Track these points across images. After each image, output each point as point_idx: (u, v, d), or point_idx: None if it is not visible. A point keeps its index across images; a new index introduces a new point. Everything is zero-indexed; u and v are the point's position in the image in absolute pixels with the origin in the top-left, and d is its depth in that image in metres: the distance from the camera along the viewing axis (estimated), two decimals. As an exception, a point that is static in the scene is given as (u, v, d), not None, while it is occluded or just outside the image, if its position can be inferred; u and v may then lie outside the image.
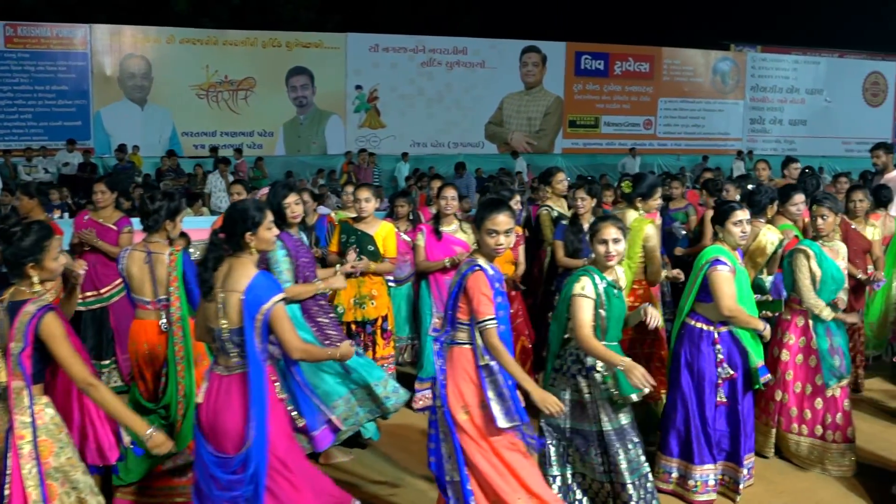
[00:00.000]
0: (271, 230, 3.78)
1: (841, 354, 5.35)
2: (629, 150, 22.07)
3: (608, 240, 4.24)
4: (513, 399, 3.85)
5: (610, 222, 4.32)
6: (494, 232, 3.82)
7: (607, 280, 4.30)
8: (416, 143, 21.69)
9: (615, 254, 4.25)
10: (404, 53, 21.64)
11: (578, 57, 23.55)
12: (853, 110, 26.18)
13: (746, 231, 4.88)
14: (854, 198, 7.05)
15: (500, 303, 3.87)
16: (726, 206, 5.00)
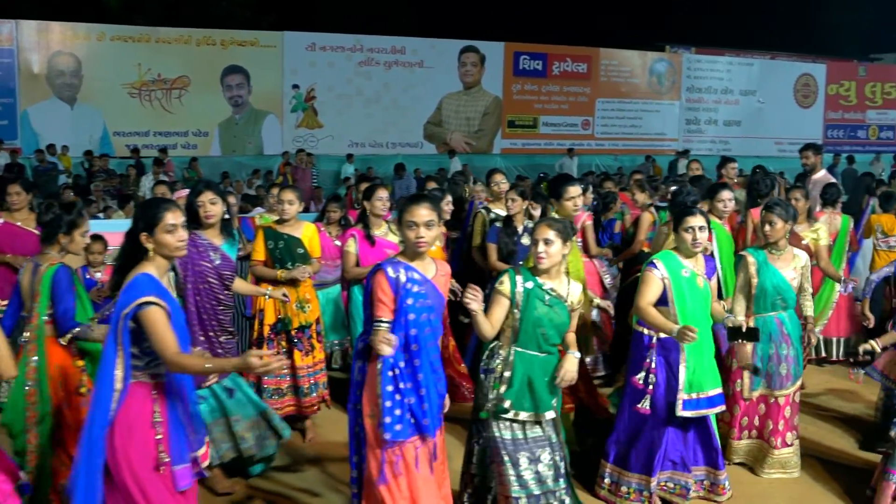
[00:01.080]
0: (173, 233, 3.43)
1: (788, 362, 5.28)
2: (567, 151, 22.43)
3: (539, 240, 4.16)
4: (414, 411, 3.76)
5: (545, 223, 4.23)
6: (413, 224, 3.75)
7: (537, 282, 4.20)
8: (354, 144, 21.76)
9: (545, 255, 4.13)
10: (342, 52, 21.69)
11: (517, 57, 23.86)
12: (785, 111, 26.96)
13: (699, 238, 4.69)
14: (791, 197, 7.19)
15: (413, 305, 3.78)
16: (680, 211, 4.94)
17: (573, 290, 4.29)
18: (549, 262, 4.17)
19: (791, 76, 27.54)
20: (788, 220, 5.31)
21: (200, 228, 4.91)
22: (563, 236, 4.19)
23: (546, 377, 4.21)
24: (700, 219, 4.74)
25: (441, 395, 3.95)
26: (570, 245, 4.27)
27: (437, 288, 3.91)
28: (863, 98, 28.30)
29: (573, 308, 4.28)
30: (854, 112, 28.28)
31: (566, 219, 4.69)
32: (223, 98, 20.58)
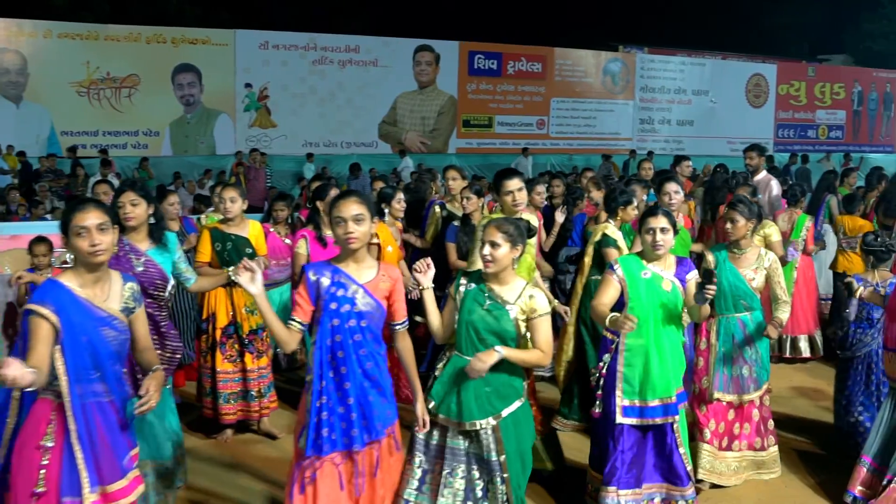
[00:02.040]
0: (83, 236, 3.21)
1: (752, 365, 5.23)
2: (522, 150, 22.59)
3: (485, 242, 3.96)
4: (313, 426, 3.63)
5: (494, 224, 3.99)
6: (341, 220, 3.60)
7: (478, 286, 4.05)
8: (308, 143, 21.73)
9: (490, 259, 3.91)
10: (295, 51, 21.65)
11: (472, 56, 24.01)
12: (737, 111, 27.49)
13: (660, 240, 4.49)
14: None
15: (337, 310, 3.65)
16: (645, 211, 4.72)
17: (527, 296, 3.98)
18: (494, 267, 3.94)
19: (742, 76, 28.07)
20: (751, 219, 5.23)
21: (124, 232, 4.63)
22: (512, 239, 3.94)
23: (481, 385, 3.92)
24: (662, 220, 4.52)
25: (380, 405, 3.73)
26: (520, 249, 4.01)
27: (370, 293, 3.71)
28: (812, 98, 28.95)
29: (530, 316, 3.96)
30: (804, 112, 28.93)
31: (520, 219, 4.29)
32: (174, 97, 20.45)
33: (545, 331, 3.98)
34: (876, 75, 30.31)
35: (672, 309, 4.55)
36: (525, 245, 4.09)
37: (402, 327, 3.93)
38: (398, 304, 3.87)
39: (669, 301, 4.54)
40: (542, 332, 3.98)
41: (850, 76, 30.11)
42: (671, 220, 4.59)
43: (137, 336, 3.52)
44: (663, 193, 6.37)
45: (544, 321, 3.98)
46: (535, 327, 3.98)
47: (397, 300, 3.86)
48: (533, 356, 3.98)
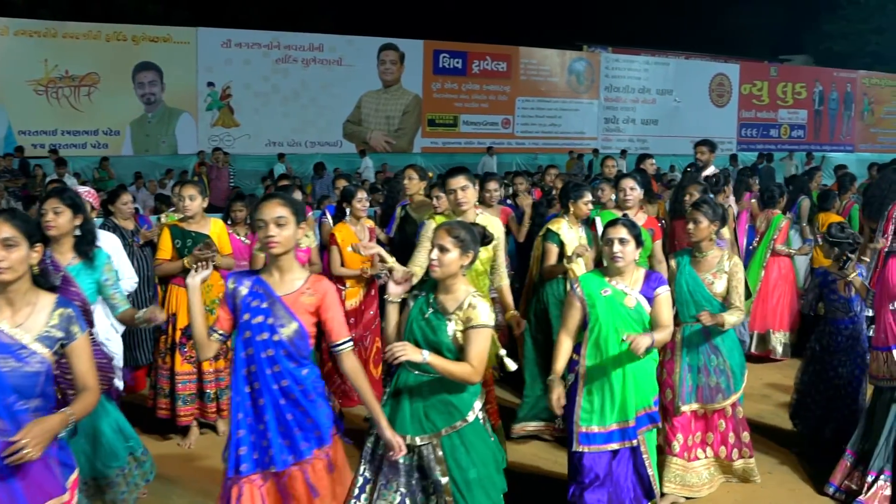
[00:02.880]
0: (9, 246, 2.95)
1: (717, 374, 5.07)
2: (487, 149, 22.64)
3: (434, 245, 3.72)
4: (233, 444, 3.51)
5: (444, 227, 3.75)
6: (261, 222, 3.43)
7: (426, 295, 3.85)
8: (271, 143, 21.64)
9: (437, 264, 3.66)
10: (258, 49, 21.51)
11: (437, 55, 24.01)
12: (701, 110, 27.77)
13: (617, 251, 4.27)
14: (687, 192, 7.25)
15: (249, 321, 3.51)
16: (607, 222, 4.48)
17: (467, 305, 3.67)
18: (440, 272, 3.68)
19: (706, 76, 28.38)
20: (715, 221, 5.04)
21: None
22: (463, 245, 3.68)
23: (419, 399, 3.70)
24: (621, 230, 4.27)
25: (305, 425, 3.54)
26: (470, 256, 3.73)
27: (287, 307, 3.49)
28: (775, 98, 29.34)
29: (466, 325, 3.64)
30: (766, 111, 29.32)
31: (474, 225, 4.02)
32: (135, 96, 20.21)
33: (478, 344, 3.61)
34: (836, 75, 30.79)
35: (636, 327, 4.30)
36: (477, 252, 3.80)
37: (342, 348, 3.59)
38: (332, 323, 3.57)
39: (632, 319, 4.31)
40: (474, 345, 3.61)
41: (812, 76, 30.56)
42: (633, 230, 4.33)
43: (74, 372, 3.12)
44: (619, 190, 6.39)
45: (479, 333, 3.62)
46: (468, 338, 3.63)
47: (330, 318, 3.57)
48: (459, 370, 3.57)
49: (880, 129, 31.64)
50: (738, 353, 5.21)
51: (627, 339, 4.07)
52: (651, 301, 4.35)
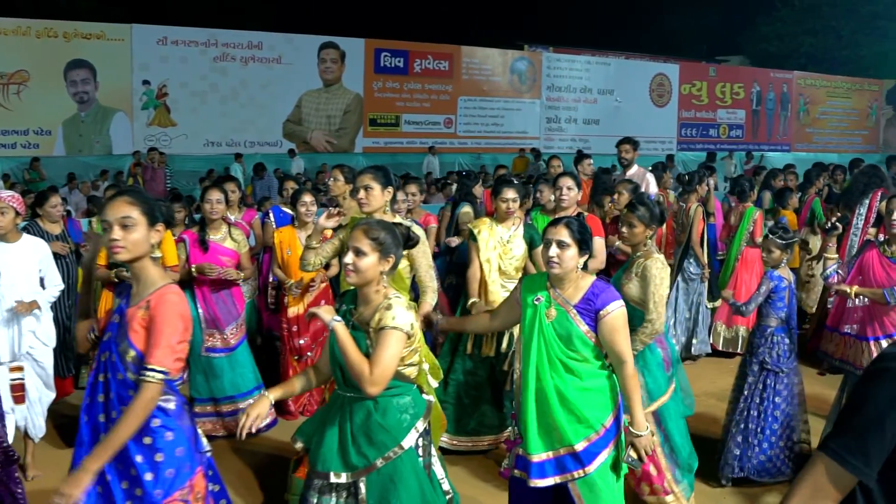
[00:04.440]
0: None
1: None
2: (429, 149, 22.57)
3: (349, 247, 3.36)
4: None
5: (361, 227, 3.39)
6: (107, 224, 3.07)
7: (346, 307, 3.51)
8: (210, 143, 21.30)
9: (353, 268, 3.30)
10: (195, 47, 21.16)
11: (378, 54, 23.87)
12: (641, 110, 28.07)
13: (553, 255, 3.69)
14: (617, 191, 7.22)
15: (111, 318, 3.21)
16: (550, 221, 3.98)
17: (383, 309, 3.27)
18: (355, 278, 3.32)
19: (646, 76, 28.68)
20: (651, 225, 4.66)
21: None
22: (382, 248, 3.33)
23: (349, 425, 3.32)
24: (560, 231, 3.70)
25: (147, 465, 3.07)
26: (391, 260, 3.36)
27: (125, 320, 3.10)
28: (713, 98, 29.79)
29: (375, 328, 3.29)
30: (706, 111, 29.75)
31: (398, 224, 3.67)
32: (67, 94, 19.71)
33: (381, 349, 3.19)
34: (773, 76, 31.40)
35: (557, 347, 3.70)
36: (399, 256, 3.44)
37: (146, 375, 2.97)
38: (151, 340, 3.01)
39: (553, 335, 3.71)
40: (377, 350, 3.21)
41: (750, 77, 31.10)
42: (577, 234, 3.70)
43: None
44: (556, 188, 6.22)
45: (385, 336, 3.21)
46: (376, 340, 3.24)
47: (150, 336, 3.02)
48: (358, 366, 3.15)
49: (816, 129, 32.35)
50: (656, 365, 4.63)
51: (627, 461, 3.69)
52: (594, 323, 3.67)
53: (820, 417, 6.30)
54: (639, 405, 3.72)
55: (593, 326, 3.67)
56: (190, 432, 3.22)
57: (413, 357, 3.42)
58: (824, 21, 37.55)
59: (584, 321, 3.67)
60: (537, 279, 3.89)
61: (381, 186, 4.72)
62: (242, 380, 6.22)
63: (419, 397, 3.48)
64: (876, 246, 5.13)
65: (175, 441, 3.12)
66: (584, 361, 3.70)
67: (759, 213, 8.50)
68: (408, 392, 3.42)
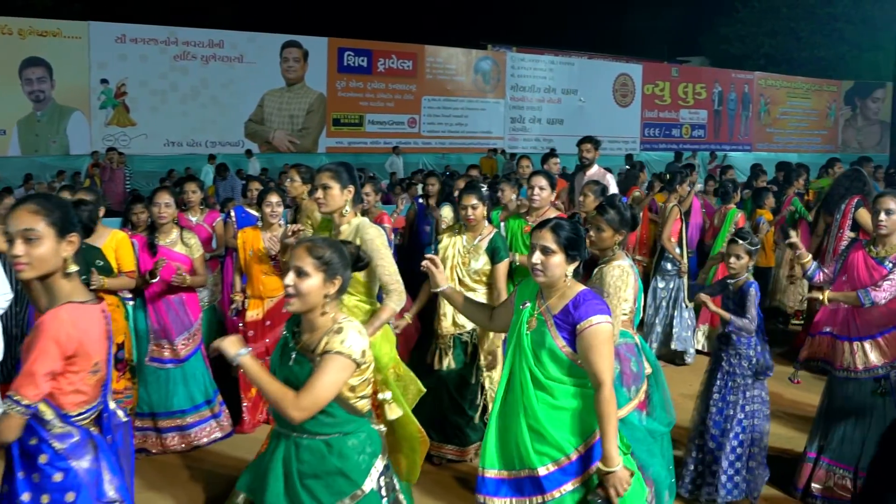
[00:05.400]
0: None
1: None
2: (393, 149, 22.40)
3: (290, 268, 3.02)
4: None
5: (304, 245, 3.04)
6: (8, 236, 2.75)
7: (289, 332, 3.21)
8: (170, 143, 20.95)
9: (293, 292, 2.97)
10: (155, 45, 20.79)
11: (341, 53, 23.66)
12: (605, 110, 28.13)
13: (536, 262, 3.38)
14: (583, 193, 7.01)
15: None
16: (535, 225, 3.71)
17: (333, 333, 2.95)
18: (296, 304, 2.99)
19: (610, 76, 28.75)
20: (621, 229, 4.41)
21: None
22: (327, 269, 2.99)
23: (296, 468, 3.00)
24: (543, 235, 3.37)
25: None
26: (337, 283, 3.02)
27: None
28: (676, 98, 29.95)
29: (317, 352, 2.99)
30: (668, 111, 29.89)
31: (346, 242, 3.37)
32: (22, 93, 19.24)
33: (321, 374, 2.87)
34: (734, 76, 31.67)
35: (533, 356, 3.37)
36: (347, 278, 3.09)
37: (6, 405, 2.64)
38: (22, 365, 2.67)
39: (530, 347, 3.39)
40: (317, 372, 2.89)
41: (711, 77, 31.32)
42: (563, 239, 3.35)
43: None
44: (529, 187, 6.06)
45: (328, 360, 2.88)
46: (318, 364, 2.91)
47: (24, 360, 2.67)
48: (276, 394, 2.85)
49: (776, 129, 32.66)
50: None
51: (591, 499, 3.23)
52: (571, 337, 3.32)
53: (796, 424, 6.28)
54: (613, 436, 3.21)
55: (570, 341, 3.30)
56: (91, 476, 2.80)
57: (366, 389, 3.10)
58: (783, 22, 37.95)
59: (560, 334, 3.32)
60: (532, 284, 3.54)
61: (340, 185, 4.41)
62: (193, 393, 5.93)
63: (373, 432, 3.16)
64: (863, 247, 5.05)
65: (65, 484, 2.74)
66: (555, 378, 3.33)
67: (742, 214, 8.58)
68: (362, 428, 3.09)
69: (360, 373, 3.01)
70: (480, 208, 5.39)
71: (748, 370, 5.02)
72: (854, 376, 4.99)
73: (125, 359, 5.53)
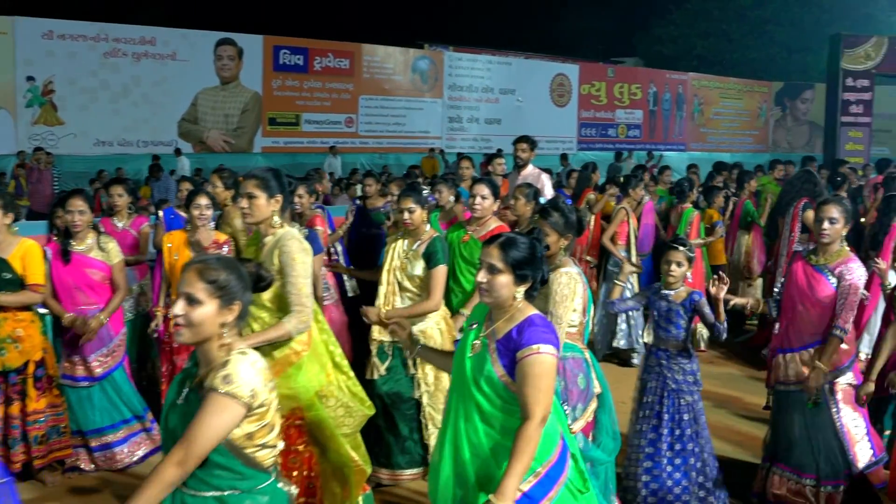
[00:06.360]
0: None
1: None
2: (330, 149, 22.14)
3: (180, 294, 2.68)
4: None
5: (195, 267, 2.67)
6: None
7: (188, 367, 2.88)
8: (100, 142, 20.38)
9: (182, 321, 2.63)
10: (84, 42, 20.18)
11: (276, 51, 23.30)
12: (542, 110, 28.22)
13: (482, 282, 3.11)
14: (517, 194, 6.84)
15: None
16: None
17: (220, 367, 2.56)
18: (187, 335, 2.61)
19: (547, 76, 28.84)
20: (566, 233, 4.25)
21: None
22: (223, 295, 2.62)
23: None
24: (490, 252, 3.09)
25: None
26: (235, 309, 2.65)
27: None
28: (612, 98, 30.21)
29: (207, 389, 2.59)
30: (605, 111, 30.12)
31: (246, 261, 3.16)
32: (-56, 91, 18.51)
33: (201, 416, 2.48)
34: (669, 77, 32.10)
35: (473, 383, 3.07)
36: (247, 302, 2.72)
37: None
38: None
39: (469, 373, 3.09)
40: (196, 417, 2.49)
41: (646, 78, 31.67)
42: (511, 258, 3.05)
43: None
44: (471, 195, 5.70)
45: (209, 403, 2.49)
46: (200, 406, 2.52)
47: None
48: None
49: (710, 129, 33.19)
50: None
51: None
52: (511, 364, 3.00)
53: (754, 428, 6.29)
54: (517, 473, 2.85)
55: (510, 369, 2.98)
56: None
57: (267, 436, 2.64)
58: (715, 24, 38.63)
59: (500, 360, 3.01)
60: (484, 304, 3.26)
61: (266, 195, 4.10)
62: (112, 412, 5.59)
63: (279, 493, 2.74)
64: (803, 257, 4.96)
65: None
66: (496, 408, 3.02)
67: (697, 214, 8.63)
68: (264, 489, 2.67)
69: (258, 417, 2.58)
70: (419, 212, 5.14)
71: (694, 385, 4.86)
72: (792, 388, 4.91)
73: (46, 375, 5.24)
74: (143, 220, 6.98)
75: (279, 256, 4.02)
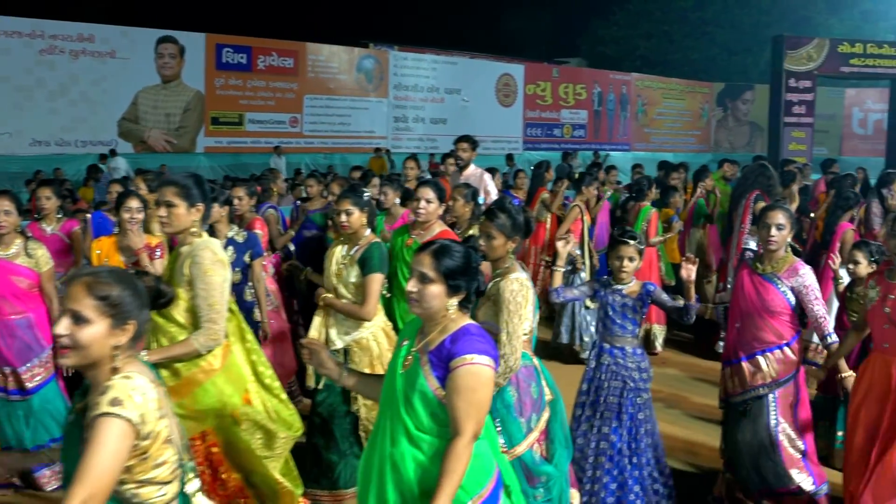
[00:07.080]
0: None
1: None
2: (274, 149, 21.86)
3: (65, 311, 2.37)
4: None
5: (82, 281, 2.36)
6: None
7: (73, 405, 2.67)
8: (36, 142, 19.82)
9: (68, 343, 2.33)
10: (19, 39, 19.62)
11: (219, 49, 22.94)
12: (488, 110, 28.27)
13: (412, 291, 2.91)
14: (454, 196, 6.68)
15: None
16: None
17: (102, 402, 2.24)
18: (71, 358, 2.34)
19: (492, 76, 28.88)
20: (513, 236, 4.01)
21: None
22: (115, 312, 2.34)
23: None
24: (422, 260, 2.88)
25: None
26: (129, 329, 2.37)
27: None
28: (557, 98, 30.36)
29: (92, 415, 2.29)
30: (550, 111, 30.26)
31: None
32: None
33: (92, 447, 2.17)
34: (612, 77, 32.35)
35: (404, 401, 2.83)
36: (144, 319, 2.43)
37: None
38: None
39: (403, 388, 2.86)
40: (87, 450, 2.18)
41: (591, 78, 31.89)
42: (444, 267, 2.84)
43: None
44: (415, 199, 5.40)
45: (96, 428, 2.19)
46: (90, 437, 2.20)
47: None
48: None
49: (653, 129, 33.56)
50: None
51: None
52: (443, 377, 2.78)
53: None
54: (447, 494, 2.61)
55: (444, 382, 2.76)
56: None
57: (150, 471, 2.35)
58: (657, 25, 39.07)
59: (433, 373, 2.78)
60: (418, 319, 3.02)
61: (187, 204, 3.83)
62: (52, 427, 5.21)
63: None
64: (747, 265, 4.82)
65: None
66: (427, 429, 2.79)
67: (654, 212, 8.57)
68: None
69: (141, 450, 2.29)
70: (357, 214, 4.79)
71: (648, 383, 4.72)
72: (737, 399, 4.80)
73: None
74: (73, 223, 6.54)
75: (190, 267, 3.79)
